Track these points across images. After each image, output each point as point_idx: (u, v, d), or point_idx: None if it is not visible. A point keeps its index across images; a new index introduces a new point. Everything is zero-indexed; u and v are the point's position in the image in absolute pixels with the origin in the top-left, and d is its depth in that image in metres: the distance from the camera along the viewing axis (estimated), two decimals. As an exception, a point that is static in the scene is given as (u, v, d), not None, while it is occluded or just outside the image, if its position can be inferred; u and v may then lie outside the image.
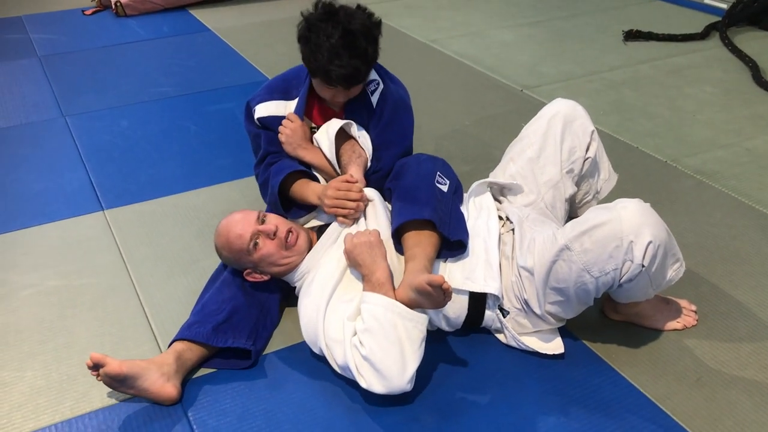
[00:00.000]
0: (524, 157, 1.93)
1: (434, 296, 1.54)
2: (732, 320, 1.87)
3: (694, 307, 1.88)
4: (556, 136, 1.89)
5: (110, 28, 4.31)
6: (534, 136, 1.92)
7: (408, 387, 1.56)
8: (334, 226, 1.83)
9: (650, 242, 1.51)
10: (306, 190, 1.90)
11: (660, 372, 1.71)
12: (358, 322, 1.59)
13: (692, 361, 1.75)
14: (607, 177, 2.02)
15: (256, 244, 1.75)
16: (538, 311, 1.69)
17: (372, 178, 1.93)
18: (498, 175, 1.99)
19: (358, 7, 1.85)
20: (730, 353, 1.77)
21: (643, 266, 1.53)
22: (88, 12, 4.58)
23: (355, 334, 1.58)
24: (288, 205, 1.95)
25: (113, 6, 4.47)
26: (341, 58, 1.76)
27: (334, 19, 1.78)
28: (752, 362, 1.74)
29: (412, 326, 1.58)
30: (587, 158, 1.92)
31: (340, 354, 1.59)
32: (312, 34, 1.79)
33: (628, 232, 1.52)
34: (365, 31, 1.79)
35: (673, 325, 1.84)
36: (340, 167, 1.94)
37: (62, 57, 3.86)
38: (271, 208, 1.95)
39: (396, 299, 1.61)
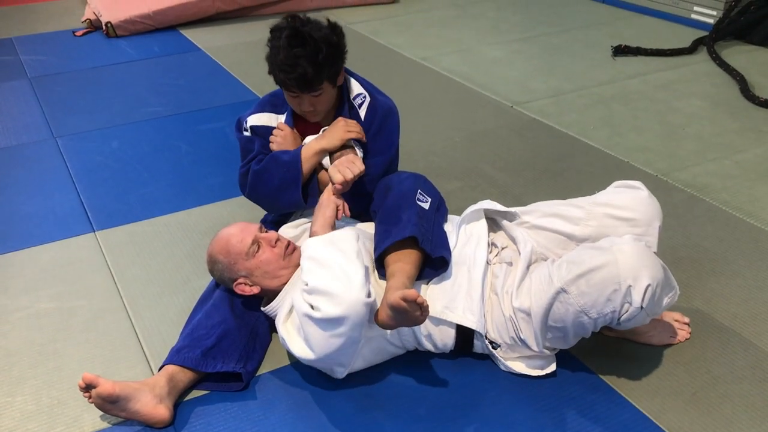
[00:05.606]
0: (559, 238, 1.79)
1: (410, 312, 1.51)
2: (726, 334, 1.87)
3: (687, 320, 1.88)
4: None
5: (101, 49, 4.32)
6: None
7: (362, 296, 1.52)
8: None
9: (649, 285, 1.48)
10: (318, 138, 1.91)
11: (655, 387, 1.71)
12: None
13: (687, 376, 1.74)
14: None
15: (258, 247, 1.75)
16: (536, 349, 1.67)
17: (361, 181, 1.93)
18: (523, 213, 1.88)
19: (327, 21, 1.88)
20: (725, 367, 1.76)
21: (642, 308, 1.50)
22: (78, 33, 4.58)
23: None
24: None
25: (104, 27, 4.48)
26: (289, 58, 1.78)
27: (289, 23, 1.83)
28: (747, 376, 1.74)
29: (342, 242, 1.63)
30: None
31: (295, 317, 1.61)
32: (271, 39, 1.85)
33: (626, 276, 1.49)
34: (316, 33, 1.80)
35: (666, 339, 1.83)
36: None
37: (53, 78, 3.86)
38: (284, 187, 1.92)
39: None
